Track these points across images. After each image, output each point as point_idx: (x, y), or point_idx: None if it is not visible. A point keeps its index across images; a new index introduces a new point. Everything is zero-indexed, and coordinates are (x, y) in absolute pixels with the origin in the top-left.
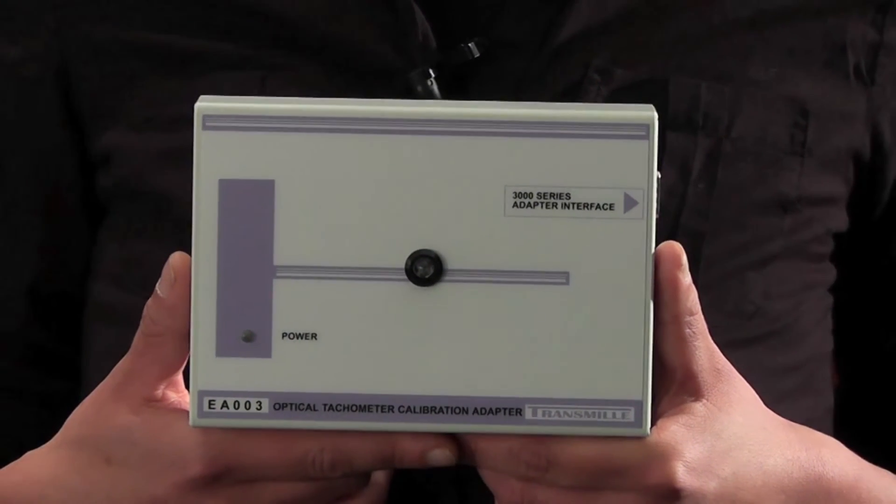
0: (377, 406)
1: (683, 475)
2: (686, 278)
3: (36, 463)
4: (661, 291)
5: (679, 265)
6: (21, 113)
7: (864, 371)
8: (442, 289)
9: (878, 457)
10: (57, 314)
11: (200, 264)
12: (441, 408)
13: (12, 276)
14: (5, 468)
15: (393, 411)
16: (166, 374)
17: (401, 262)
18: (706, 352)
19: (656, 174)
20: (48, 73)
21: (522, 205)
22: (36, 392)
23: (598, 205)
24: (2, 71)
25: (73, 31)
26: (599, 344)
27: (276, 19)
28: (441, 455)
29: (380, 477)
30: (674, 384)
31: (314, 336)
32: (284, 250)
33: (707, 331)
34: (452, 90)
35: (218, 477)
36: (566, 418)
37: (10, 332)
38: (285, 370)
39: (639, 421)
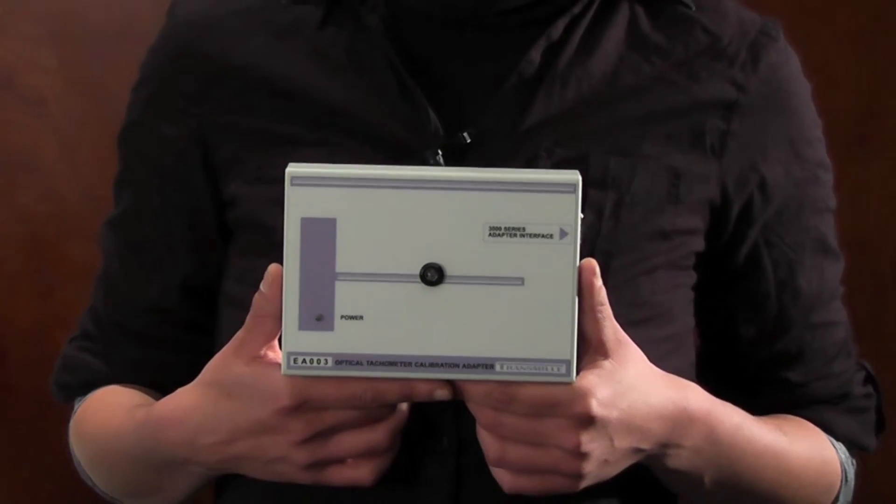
0: (401, 362)
1: (596, 407)
2: (598, 282)
3: (183, 396)
4: (583, 290)
5: (594, 273)
6: (176, 170)
7: (715, 339)
8: (443, 288)
9: (724, 394)
10: (202, 299)
11: (289, 271)
12: (442, 363)
13: (172, 274)
14: (165, 398)
15: (411, 366)
16: (267, 341)
17: (417, 270)
18: (612, 329)
19: (580, 216)
20: (194, 145)
21: (494, 234)
22: (188, 348)
23: (543, 234)
24: (165, 143)
25: (211, 119)
26: (543, 323)
27: (339, 113)
28: (442, 394)
29: (403, 406)
30: (590, 349)
31: (361, 317)
32: (343, 262)
33: (612, 315)
34: (453, 162)
35: (299, 406)
36: (522, 370)
37: (172, 309)
38: (343, 339)
39: (568, 372)
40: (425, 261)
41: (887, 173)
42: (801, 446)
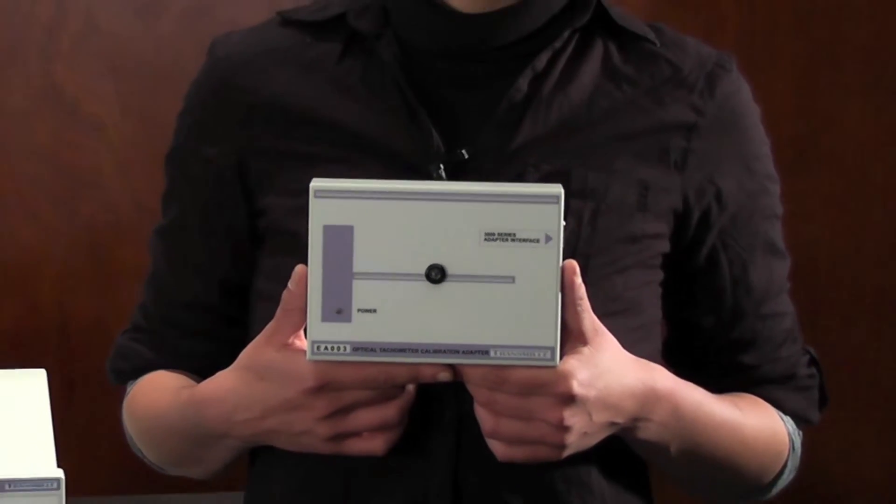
0: (409, 349)
1: (577, 387)
2: (578, 280)
3: (221, 378)
4: (565, 287)
5: (575, 273)
6: (215, 186)
7: (679, 328)
8: (445, 285)
9: (687, 375)
10: (236, 295)
11: (313, 271)
12: (444, 350)
13: (211, 274)
14: (206, 381)
15: (417, 352)
16: (294, 331)
17: (422, 269)
18: (590, 320)
19: (563, 223)
20: (231, 163)
21: (489, 239)
22: (225, 338)
23: (531, 239)
24: (206, 163)
25: (246, 142)
26: (531, 315)
27: (355, 134)
28: (444, 376)
29: (411, 387)
30: (571, 338)
31: (375, 311)
32: (359, 263)
33: (590, 308)
34: (453, 175)
35: (322, 387)
36: (513, 356)
37: (211, 304)
38: (359, 329)
39: (553, 357)
40: (430, 262)
41: (824, 186)
42: (754, 420)
